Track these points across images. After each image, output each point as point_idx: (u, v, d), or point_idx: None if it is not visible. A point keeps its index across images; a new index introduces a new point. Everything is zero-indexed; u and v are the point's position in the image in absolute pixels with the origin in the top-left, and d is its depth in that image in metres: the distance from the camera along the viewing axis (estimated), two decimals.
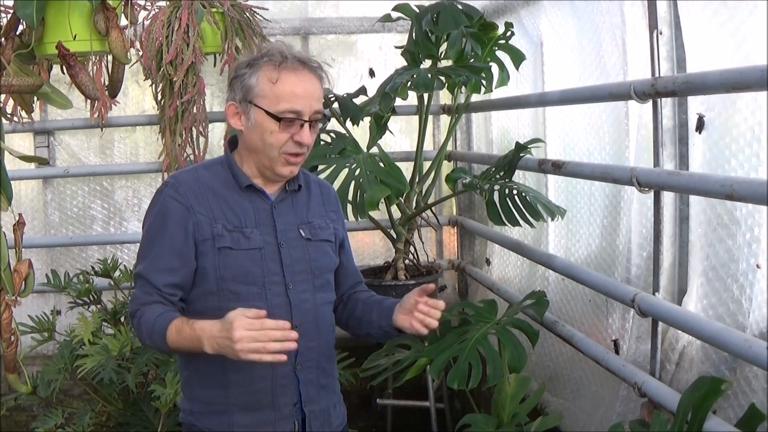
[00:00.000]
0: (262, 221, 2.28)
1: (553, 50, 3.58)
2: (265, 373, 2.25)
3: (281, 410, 2.29)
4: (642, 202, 2.82)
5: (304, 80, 2.22)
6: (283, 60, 2.20)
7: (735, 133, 2.39)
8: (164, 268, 2.22)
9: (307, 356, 2.31)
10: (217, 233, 2.22)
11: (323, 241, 2.38)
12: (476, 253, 4.75)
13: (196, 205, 2.24)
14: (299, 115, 2.20)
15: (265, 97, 2.19)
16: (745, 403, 2.26)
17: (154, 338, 2.16)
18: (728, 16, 2.34)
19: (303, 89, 2.21)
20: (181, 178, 2.30)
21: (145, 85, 4.30)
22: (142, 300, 2.22)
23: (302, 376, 2.31)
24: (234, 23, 3.99)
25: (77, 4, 2.32)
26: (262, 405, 2.28)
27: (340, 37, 4.77)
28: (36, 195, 4.66)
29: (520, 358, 3.01)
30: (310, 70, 2.25)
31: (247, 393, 2.27)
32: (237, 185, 2.29)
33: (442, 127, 4.89)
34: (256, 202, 2.29)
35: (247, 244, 2.25)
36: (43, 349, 4.13)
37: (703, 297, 2.54)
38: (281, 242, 2.29)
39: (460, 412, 4.27)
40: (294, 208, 2.35)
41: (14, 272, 2.52)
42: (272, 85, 2.19)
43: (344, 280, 2.53)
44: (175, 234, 2.22)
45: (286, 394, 2.30)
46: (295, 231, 2.32)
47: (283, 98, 2.19)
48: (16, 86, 2.28)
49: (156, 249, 2.24)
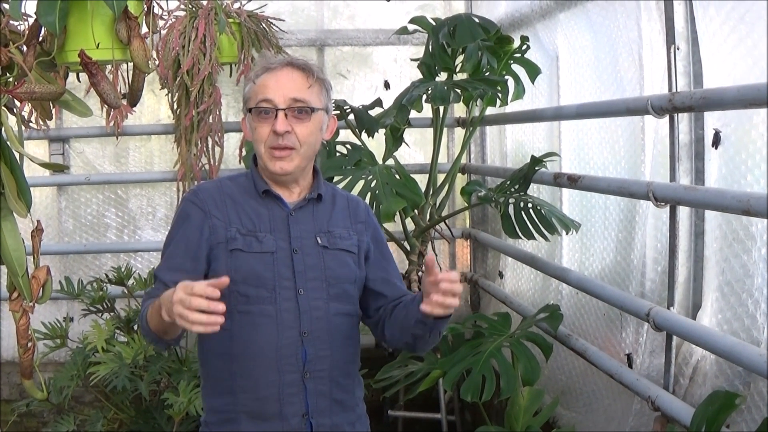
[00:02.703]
0: (278, 227, 2.28)
1: (569, 64, 3.59)
2: (272, 379, 2.23)
3: (289, 421, 2.25)
4: (657, 216, 2.82)
5: (279, 73, 2.25)
6: (268, 64, 2.27)
7: (751, 148, 2.39)
8: (176, 268, 2.22)
9: (317, 365, 2.26)
10: (231, 236, 2.23)
11: (342, 251, 2.34)
12: (489, 266, 4.75)
13: (213, 209, 2.25)
14: (272, 103, 2.21)
15: (249, 98, 2.26)
16: (759, 418, 2.27)
17: (143, 323, 2.18)
18: (746, 32, 2.35)
19: (275, 80, 2.23)
20: (204, 186, 2.36)
21: (161, 94, 4.33)
22: (151, 295, 2.22)
23: (311, 385, 2.26)
24: (251, 34, 4.01)
25: (99, 13, 2.32)
26: (269, 414, 2.25)
27: (356, 49, 4.79)
28: (50, 202, 4.67)
29: (534, 371, 3.01)
30: (294, 67, 2.27)
31: (254, 400, 2.24)
32: (256, 191, 2.30)
33: (456, 140, 4.89)
34: (273, 209, 2.29)
35: (260, 247, 2.24)
36: (55, 355, 4.14)
37: (717, 312, 2.54)
38: (295, 248, 2.27)
39: (471, 424, 4.28)
40: (313, 217, 2.33)
41: (32, 279, 2.52)
42: (254, 86, 2.25)
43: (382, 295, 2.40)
44: (190, 236, 2.24)
45: (294, 403, 2.25)
46: (312, 239, 2.30)
47: (258, 92, 2.24)
48: (38, 93, 2.29)
49: (171, 249, 2.27)
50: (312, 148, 2.29)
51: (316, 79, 2.27)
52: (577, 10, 3.41)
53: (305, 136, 2.24)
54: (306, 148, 2.26)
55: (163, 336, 2.16)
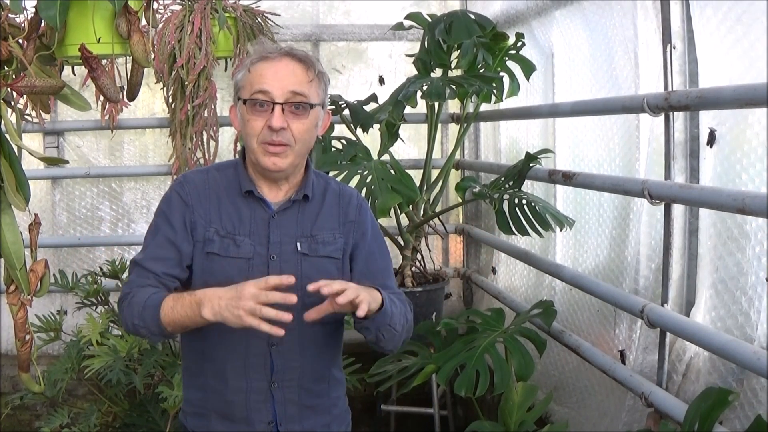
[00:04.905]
0: (257, 231, 2.19)
1: (564, 61, 3.61)
2: (240, 385, 2.20)
3: (255, 426, 2.22)
4: (651, 214, 2.84)
5: (277, 64, 2.13)
6: (266, 53, 2.15)
7: (746, 148, 2.41)
8: (162, 258, 2.17)
9: (285, 375, 2.22)
10: (209, 237, 2.17)
11: (323, 258, 2.23)
12: (482, 262, 4.77)
13: (196, 205, 2.19)
14: (268, 96, 2.10)
15: (243, 87, 2.14)
16: (752, 414, 2.29)
17: (144, 315, 2.09)
18: (743, 33, 2.37)
19: (273, 71, 2.11)
20: (191, 177, 2.26)
21: (156, 88, 4.33)
22: (136, 283, 2.16)
23: (278, 395, 2.22)
24: (246, 28, 4.01)
25: (100, 7, 2.33)
26: (236, 417, 2.22)
27: (351, 44, 4.80)
28: (45, 195, 4.66)
29: (528, 366, 3.03)
30: (291, 57, 2.14)
31: (223, 402, 2.21)
32: (240, 190, 2.22)
33: (450, 136, 4.91)
34: (255, 210, 2.21)
35: (236, 252, 2.17)
36: (48, 348, 4.14)
37: (711, 309, 2.56)
38: (272, 255, 2.18)
39: (463, 419, 4.29)
40: (297, 219, 2.23)
41: (30, 272, 2.52)
42: (248, 74, 2.13)
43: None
44: (176, 226, 2.18)
45: (260, 410, 2.22)
46: (292, 244, 2.20)
47: (254, 82, 2.11)
48: (39, 87, 2.29)
49: (157, 239, 2.20)
50: (307, 145, 2.18)
51: (316, 73, 2.15)
52: (573, 8, 3.42)
53: (301, 133, 2.13)
54: (301, 146, 2.15)
55: (173, 331, 2.11)
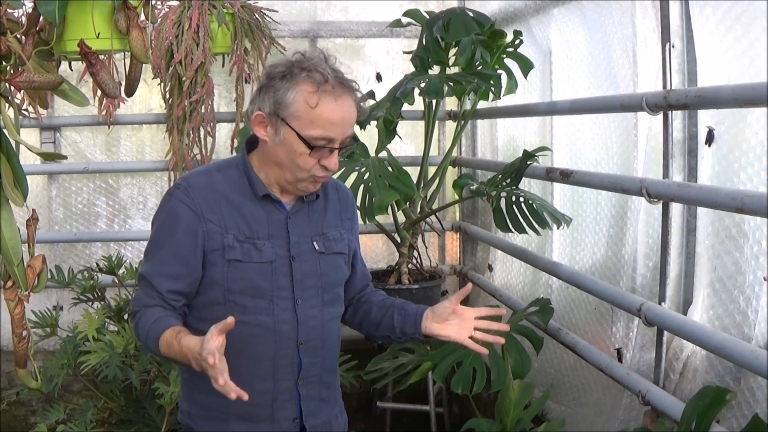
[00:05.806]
0: (276, 232, 2.21)
1: (562, 59, 3.60)
2: (267, 387, 2.23)
3: (280, 424, 2.26)
4: (649, 212, 2.84)
5: (343, 107, 2.10)
6: (323, 81, 2.08)
7: (745, 147, 2.41)
8: (169, 274, 2.17)
9: (310, 372, 2.27)
10: (228, 244, 2.16)
11: (336, 254, 2.32)
12: (478, 259, 4.76)
13: (207, 212, 2.16)
14: (331, 142, 2.10)
15: (299, 118, 2.08)
16: (749, 413, 2.29)
17: (149, 344, 2.14)
18: (742, 32, 2.37)
19: (340, 117, 2.10)
20: (194, 181, 2.22)
21: (153, 84, 4.32)
22: (143, 302, 2.19)
23: (304, 391, 2.27)
24: (244, 24, 4.01)
25: (99, 3, 2.33)
26: (261, 417, 2.25)
27: (348, 41, 4.79)
28: (41, 190, 4.66)
29: (524, 364, 3.04)
30: (350, 93, 2.12)
31: (247, 405, 2.15)
32: (252, 193, 2.21)
33: (447, 133, 4.90)
34: (270, 212, 2.22)
35: (258, 257, 2.18)
36: (44, 344, 4.13)
37: (709, 308, 2.56)
38: (293, 255, 2.22)
39: (459, 416, 4.30)
40: (309, 217, 2.28)
41: (28, 268, 2.51)
42: (310, 110, 2.07)
43: (354, 284, 2.47)
44: (183, 241, 2.16)
45: (286, 408, 2.26)
46: (309, 243, 2.26)
47: (318, 124, 2.08)
48: (37, 83, 2.28)
49: (162, 253, 2.19)
50: None
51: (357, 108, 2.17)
52: (572, 6, 3.42)
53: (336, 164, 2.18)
54: None
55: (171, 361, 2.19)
